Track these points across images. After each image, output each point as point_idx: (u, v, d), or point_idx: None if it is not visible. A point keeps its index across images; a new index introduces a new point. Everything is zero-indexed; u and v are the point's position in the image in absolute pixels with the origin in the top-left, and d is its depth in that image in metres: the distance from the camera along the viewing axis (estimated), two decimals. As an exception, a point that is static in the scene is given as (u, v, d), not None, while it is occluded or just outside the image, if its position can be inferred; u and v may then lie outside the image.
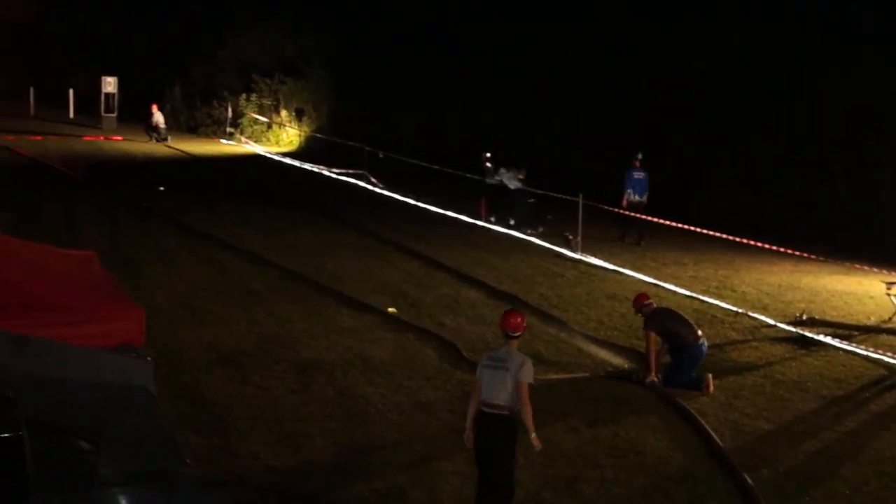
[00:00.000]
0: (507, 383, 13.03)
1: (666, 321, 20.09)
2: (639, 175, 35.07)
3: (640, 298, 20.49)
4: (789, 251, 30.29)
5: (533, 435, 13.11)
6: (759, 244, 30.55)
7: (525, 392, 13.01)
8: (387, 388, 18.27)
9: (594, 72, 45.78)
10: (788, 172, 36.95)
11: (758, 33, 41.36)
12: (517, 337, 13.59)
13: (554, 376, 20.02)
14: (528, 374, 13.10)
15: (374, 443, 15.67)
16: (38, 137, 58.04)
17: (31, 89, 70.32)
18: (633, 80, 44.34)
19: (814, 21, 39.70)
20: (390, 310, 23.93)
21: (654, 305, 20.46)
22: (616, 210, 33.04)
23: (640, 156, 35.11)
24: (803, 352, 22.23)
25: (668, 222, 32.18)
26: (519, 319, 13.84)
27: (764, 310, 25.38)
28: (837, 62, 38.15)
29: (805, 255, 29.90)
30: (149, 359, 9.71)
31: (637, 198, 34.56)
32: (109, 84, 67.33)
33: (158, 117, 60.44)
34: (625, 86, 44.40)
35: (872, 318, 24.78)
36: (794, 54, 39.64)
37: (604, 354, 21.54)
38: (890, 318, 24.47)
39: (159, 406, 8.29)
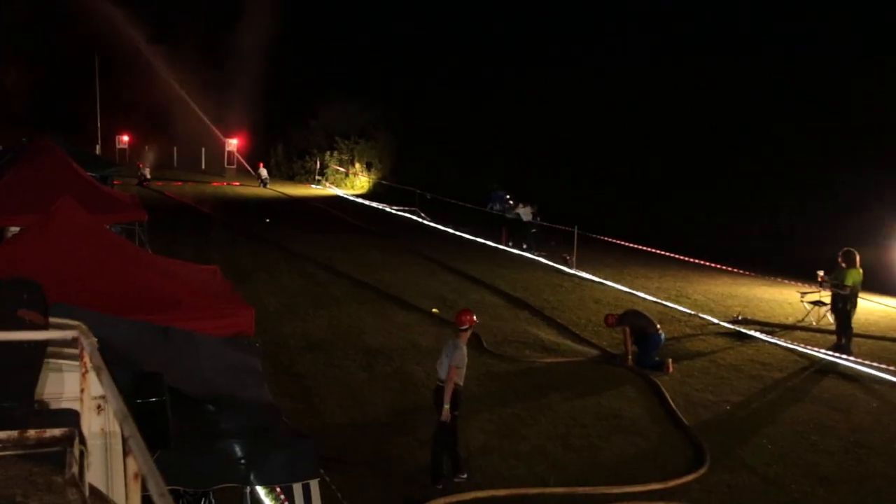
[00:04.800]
0: (445, 365, 13.10)
1: (633, 318, 20.32)
2: (501, 193, 38.38)
3: (608, 319, 20.73)
4: (729, 269, 30.16)
5: (446, 407, 12.96)
6: (707, 263, 30.49)
7: (451, 372, 12.95)
8: (430, 367, 18.09)
9: (596, 130, 45.87)
10: (731, 213, 36.86)
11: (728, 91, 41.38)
12: (464, 330, 13.42)
13: (554, 359, 20.15)
14: (456, 358, 13.00)
15: (420, 406, 15.75)
16: (179, 183, 58.69)
17: (175, 149, 71.18)
18: (625, 134, 44.42)
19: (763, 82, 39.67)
20: (434, 310, 24.02)
21: (618, 314, 20.77)
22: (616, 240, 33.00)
23: (496, 183, 39.66)
24: (739, 343, 22.14)
25: (639, 247, 32.21)
26: (467, 316, 13.60)
27: (710, 312, 25.30)
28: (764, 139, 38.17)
29: (741, 271, 29.81)
30: (258, 345, 9.83)
31: (497, 208, 38.31)
32: (231, 145, 68.74)
33: (263, 172, 61.50)
34: (618, 140, 44.48)
35: (790, 319, 24.67)
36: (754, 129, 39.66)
37: (590, 344, 21.50)
38: (803, 319, 24.40)
39: (265, 380, 8.41)
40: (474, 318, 13.82)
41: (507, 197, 37.94)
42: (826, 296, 23.15)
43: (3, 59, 76.14)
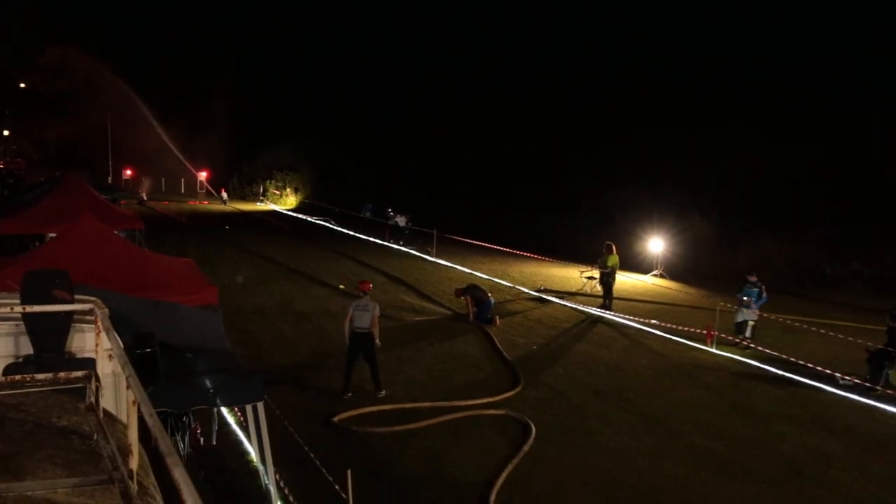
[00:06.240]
0: (367, 316, 13.32)
1: (473, 290, 20.48)
2: (370, 205, 43.77)
3: (456, 291, 21.06)
4: (534, 255, 30.74)
5: (377, 341, 13.45)
6: (520, 252, 31.08)
7: (375, 319, 13.37)
8: (338, 325, 18.01)
9: (450, 152, 45.86)
10: (537, 217, 37.32)
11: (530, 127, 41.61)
12: (367, 293, 13.77)
13: (422, 318, 20.19)
14: (377, 311, 13.46)
15: (332, 351, 15.69)
16: (166, 203, 57.04)
17: (163, 179, 69.60)
18: (469, 158, 44.46)
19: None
20: (341, 286, 23.82)
21: (463, 287, 20.97)
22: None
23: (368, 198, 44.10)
24: (542, 305, 22.52)
25: (477, 242, 32.55)
26: (368, 284, 14.09)
27: (522, 284, 25.65)
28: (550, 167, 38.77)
29: (542, 257, 30.40)
30: (220, 312, 9.70)
31: (369, 215, 42.05)
32: (202, 175, 67.77)
33: (224, 194, 60.73)
34: (468, 160, 44.48)
35: (574, 289, 25.23)
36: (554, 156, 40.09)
37: (445, 308, 21.66)
38: (581, 288, 24.89)
39: (225, 335, 8.29)
40: (371, 285, 14.26)
41: (389, 209, 38.05)
42: (596, 273, 23.76)
43: (44, 120, 74.23)
